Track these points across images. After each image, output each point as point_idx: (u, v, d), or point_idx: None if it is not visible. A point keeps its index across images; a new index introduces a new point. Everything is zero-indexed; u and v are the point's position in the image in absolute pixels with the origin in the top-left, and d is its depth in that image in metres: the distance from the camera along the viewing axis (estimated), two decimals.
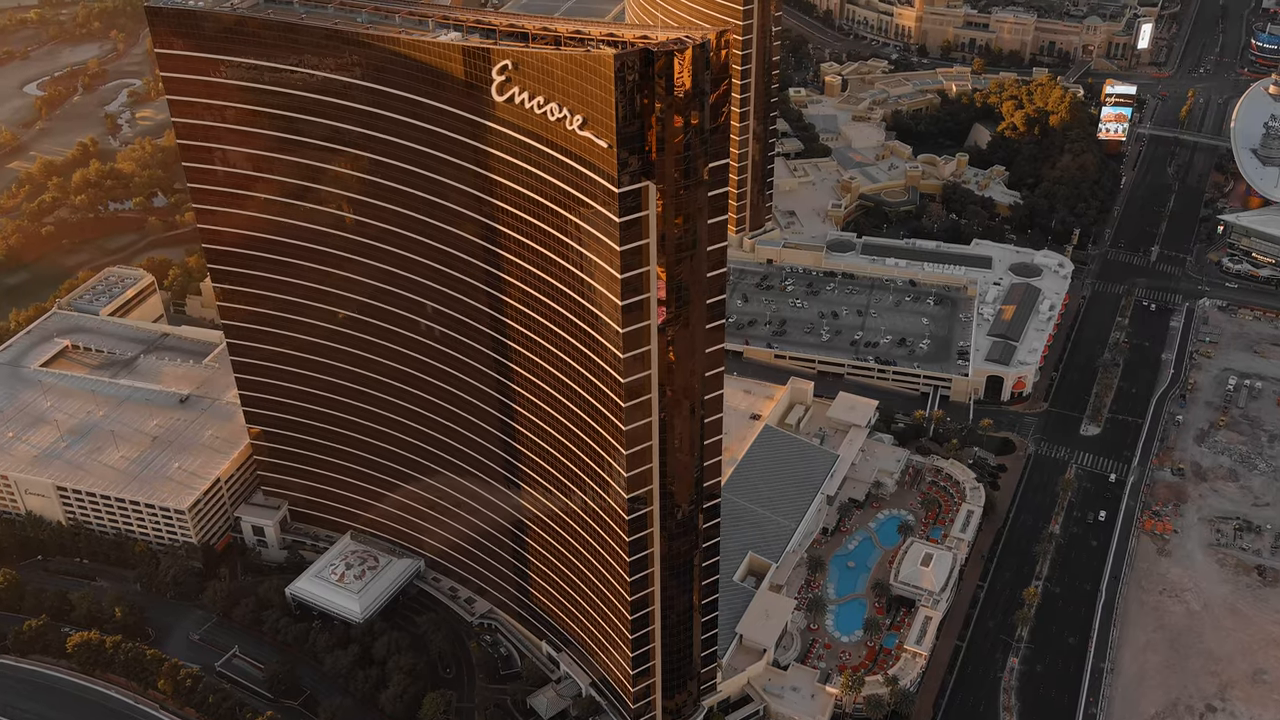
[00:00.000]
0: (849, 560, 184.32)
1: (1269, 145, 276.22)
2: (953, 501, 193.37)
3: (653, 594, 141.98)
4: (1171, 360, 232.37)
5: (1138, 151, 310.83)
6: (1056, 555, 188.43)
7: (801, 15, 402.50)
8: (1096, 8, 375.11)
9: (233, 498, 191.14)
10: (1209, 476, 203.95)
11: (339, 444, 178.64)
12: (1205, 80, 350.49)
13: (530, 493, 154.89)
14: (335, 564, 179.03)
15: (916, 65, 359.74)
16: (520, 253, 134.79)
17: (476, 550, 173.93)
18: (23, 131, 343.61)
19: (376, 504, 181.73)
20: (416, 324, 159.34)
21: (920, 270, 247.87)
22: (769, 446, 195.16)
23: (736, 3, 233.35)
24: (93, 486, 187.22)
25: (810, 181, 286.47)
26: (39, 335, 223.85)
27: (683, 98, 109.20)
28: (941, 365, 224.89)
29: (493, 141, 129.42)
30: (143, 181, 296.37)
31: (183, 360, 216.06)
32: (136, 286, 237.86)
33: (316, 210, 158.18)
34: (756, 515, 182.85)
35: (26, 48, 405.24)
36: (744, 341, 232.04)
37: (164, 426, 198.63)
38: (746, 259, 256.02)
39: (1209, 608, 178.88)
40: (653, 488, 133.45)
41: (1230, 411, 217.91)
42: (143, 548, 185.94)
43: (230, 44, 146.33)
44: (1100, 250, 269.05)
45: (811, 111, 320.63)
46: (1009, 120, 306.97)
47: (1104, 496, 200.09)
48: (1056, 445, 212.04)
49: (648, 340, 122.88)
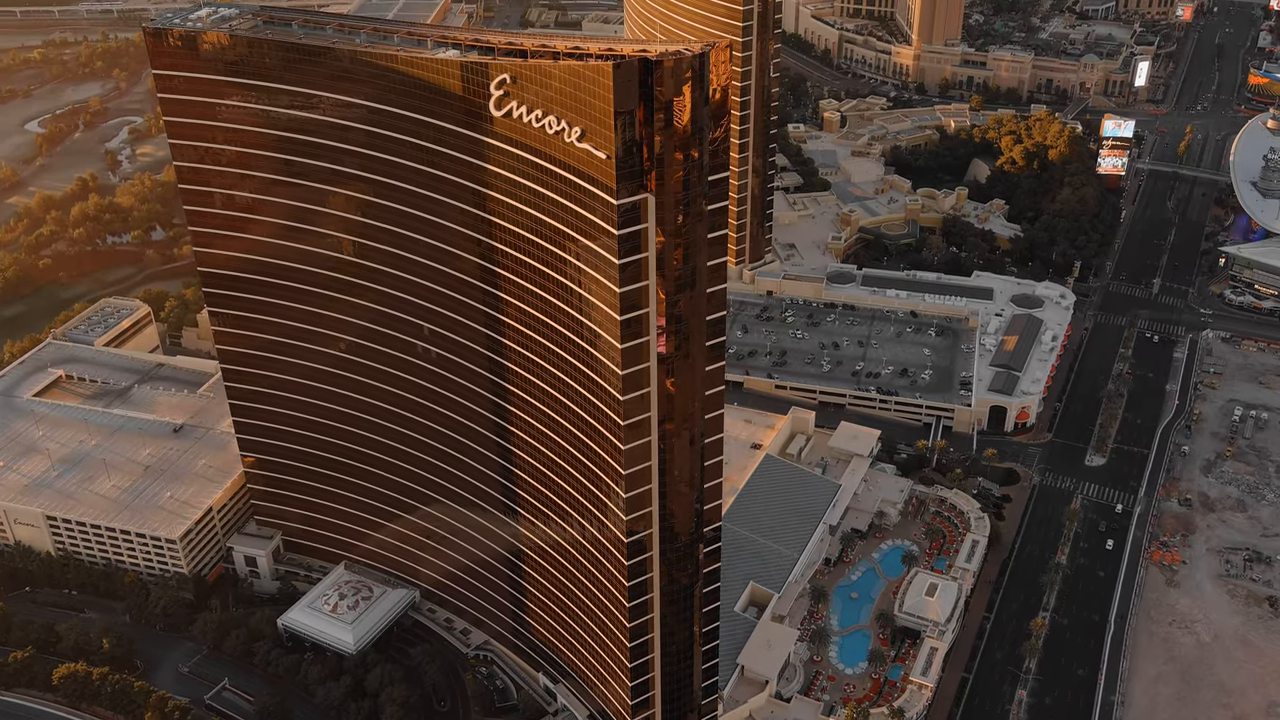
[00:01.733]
0: (852, 591, 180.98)
1: (1268, 178, 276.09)
2: (957, 532, 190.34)
3: (652, 624, 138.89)
4: (1176, 391, 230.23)
5: (1137, 186, 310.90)
6: (1064, 586, 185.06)
7: (800, 54, 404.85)
8: (1093, 46, 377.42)
9: (225, 527, 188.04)
10: (1217, 507, 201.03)
11: (334, 471, 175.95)
12: (1202, 117, 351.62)
13: (528, 523, 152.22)
14: (328, 594, 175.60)
15: (915, 103, 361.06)
16: (519, 272, 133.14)
17: (473, 581, 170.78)
18: (23, 168, 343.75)
19: (371, 534, 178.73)
20: (414, 350, 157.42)
21: (921, 301, 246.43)
22: (770, 476, 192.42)
23: (736, 34, 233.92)
24: (83, 516, 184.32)
25: (810, 215, 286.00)
26: (32, 365, 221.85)
27: (682, 130, 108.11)
28: (944, 395, 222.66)
29: (491, 158, 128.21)
30: (141, 215, 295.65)
31: (177, 390, 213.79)
32: (132, 317, 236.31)
33: (314, 233, 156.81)
34: (758, 545, 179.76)
35: (29, 86, 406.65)
36: (744, 372, 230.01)
37: (156, 456, 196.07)
38: (746, 290, 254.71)
39: (1220, 639, 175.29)
40: (652, 518, 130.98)
41: (1236, 442, 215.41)
42: (133, 578, 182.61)
43: (227, 64, 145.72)
44: (1102, 282, 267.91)
45: (810, 147, 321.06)
46: (1008, 155, 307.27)
47: (1111, 527, 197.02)
48: (1061, 476, 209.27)
49: (648, 369, 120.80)
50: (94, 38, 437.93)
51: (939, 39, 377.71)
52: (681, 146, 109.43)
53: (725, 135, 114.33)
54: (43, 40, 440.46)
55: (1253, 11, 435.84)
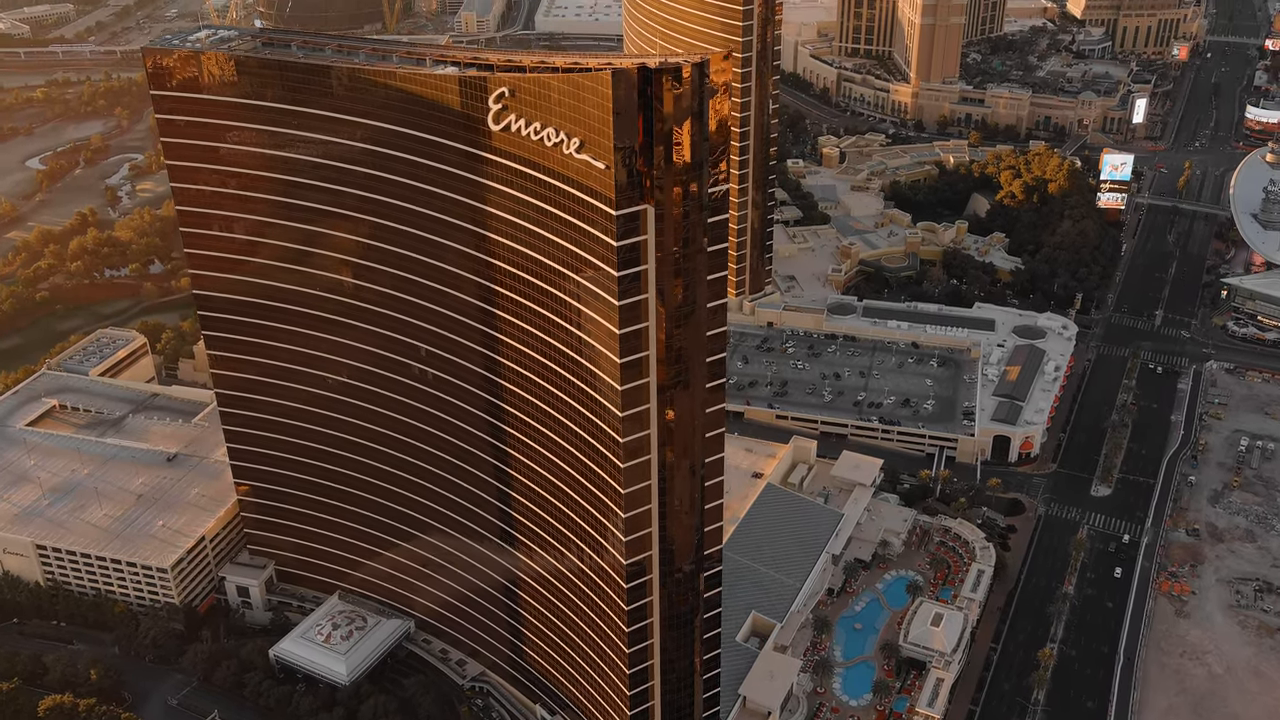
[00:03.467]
0: (856, 622, 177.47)
1: (1269, 210, 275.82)
2: (962, 562, 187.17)
3: (652, 653, 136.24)
4: (1181, 422, 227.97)
5: (1137, 220, 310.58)
6: (1072, 616, 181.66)
7: (799, 93, 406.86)
8: (1090, 84, 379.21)
9: (218, 557, 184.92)
10: (1225, 537, 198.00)
11: (329, 498, 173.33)
12: (1201, 153, 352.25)
13: (525, 552, 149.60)
14: (321, 624, 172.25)
15: (913, 140, 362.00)
16: (517, 289, 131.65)
17: (469, 610, 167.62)
18: (22, 203, 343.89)
19: (366, 563, 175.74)
20: (411, 374, 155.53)
21: (922, 332, 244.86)
22: (772, 505, 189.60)
23: (735, 70, 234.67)
24: (73, 545, 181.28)
25: (810, 248, 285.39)
26: (26, 395, 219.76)
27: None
28: (946, 425, 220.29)
29: (490, 174, 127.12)
30: (140, 249, 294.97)
31: (172, 419, 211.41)
32: (128, 348, 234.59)
33: (311, 256, 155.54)
34: (760, 574, 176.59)
35: (31, 124, 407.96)
36: (745, 402, 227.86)
37: (149, 485, 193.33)
38: (746, 322, 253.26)
39: (1232, 671, 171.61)
40: (652, 546, 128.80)
41: (1243, 473, 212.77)
42: (122, 609, 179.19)
43: (225, 84, 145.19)
44: (1103, 315, 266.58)
45: (810, 182, 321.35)
46: (1007, 189, 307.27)
47: (1118, 557, 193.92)
48: (1067, 506, 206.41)
49: (647, 385, 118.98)
50: (97, 77, 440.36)
51: (936, 77, 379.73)
52: (681, 159, 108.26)
53: (725, 141, 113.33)
54: (46, 80, 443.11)
55: (1248, 52, 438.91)
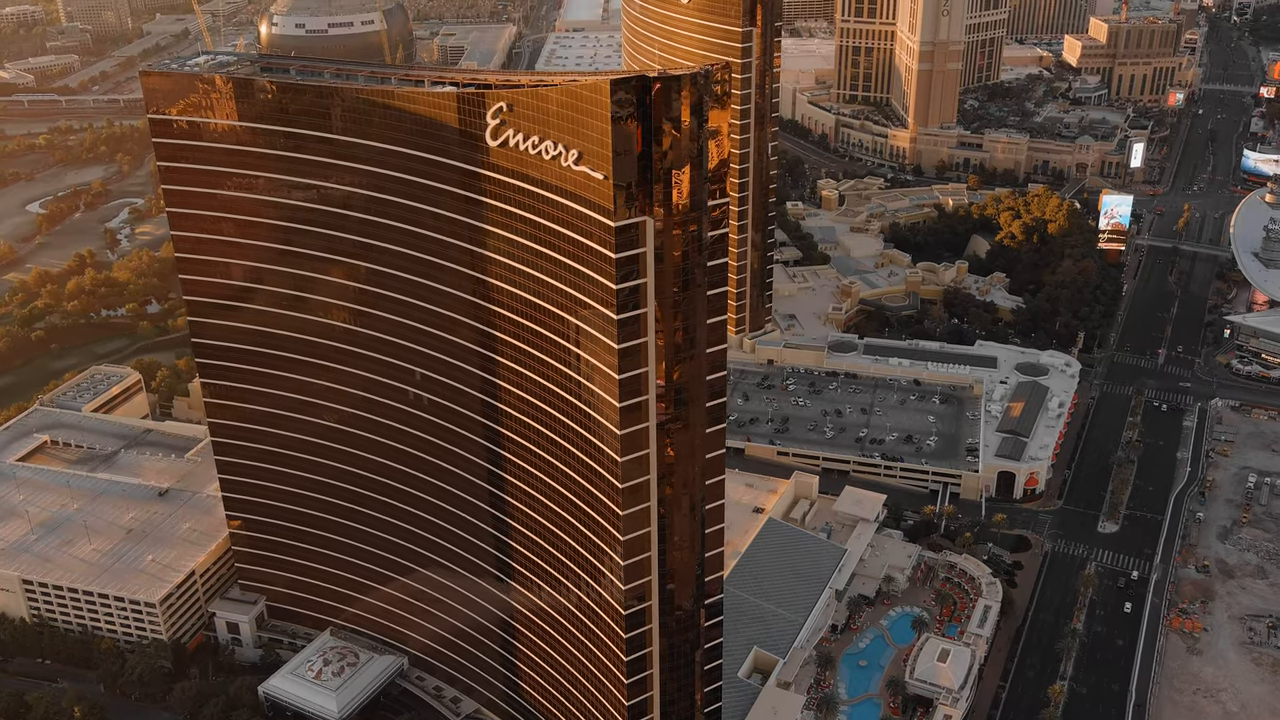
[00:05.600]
0: (860, 659, 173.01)
1: (1270, 249, 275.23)
2: (968, 597, 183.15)
3: (652, 689, 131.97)
4: (1187, 459, 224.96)
5: (1137, 261, 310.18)
6: (1081, 653, 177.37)
7: (797, 139, 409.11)
8: (1087, 129, 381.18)
9: (208, 592, 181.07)
10: (1236, 574, 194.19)
11: (322, 530, 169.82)
12: (1199, 197, 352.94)
13: (522, 588, 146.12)
14: (312, 660, 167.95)
15: (912, 184, 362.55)
16: (515, 308, 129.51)
17: (464, 646, 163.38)
18: (21, 246, 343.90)
19: (359, 597, 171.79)
20: (406, 401, 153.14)
21: (924, 369, 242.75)
22: (773, 539, 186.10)
23: (735, 112, 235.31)
24: (60, 580, 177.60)
25: (810, 287, 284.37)
26: (17, 431, 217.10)
27: (681, 148, 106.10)
28: (950, 462, 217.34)
29: (488, 191, 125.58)
30: (138, 289, 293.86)
31: (164, 454, 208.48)
32: (122, 384, 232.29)
33: (309, 279, 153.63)
34: (761, 609, 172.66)
35: (33, 170, 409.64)
36: (745, 438, 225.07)
37: (140, 519, 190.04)
38: (747, 359, 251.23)
39: (1247, 709, 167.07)
40: (652, 583, 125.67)
41: (1253, 509, 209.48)
42: (109, 645, 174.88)
43: (223, 106, 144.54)
44: (1106, 353, 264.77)
45: (809, 224, 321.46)
46: (1007, 230, 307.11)
47: (1127, 594, 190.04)
48: (1074, 542, 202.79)
49: (646, 403, 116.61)
50: (99, 124, 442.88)
51: (934, 123, 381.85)
52: (679, 164, 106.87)
53: (724, 168, 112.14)
54: (49, 127, 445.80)
55: (1243, 99, 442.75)
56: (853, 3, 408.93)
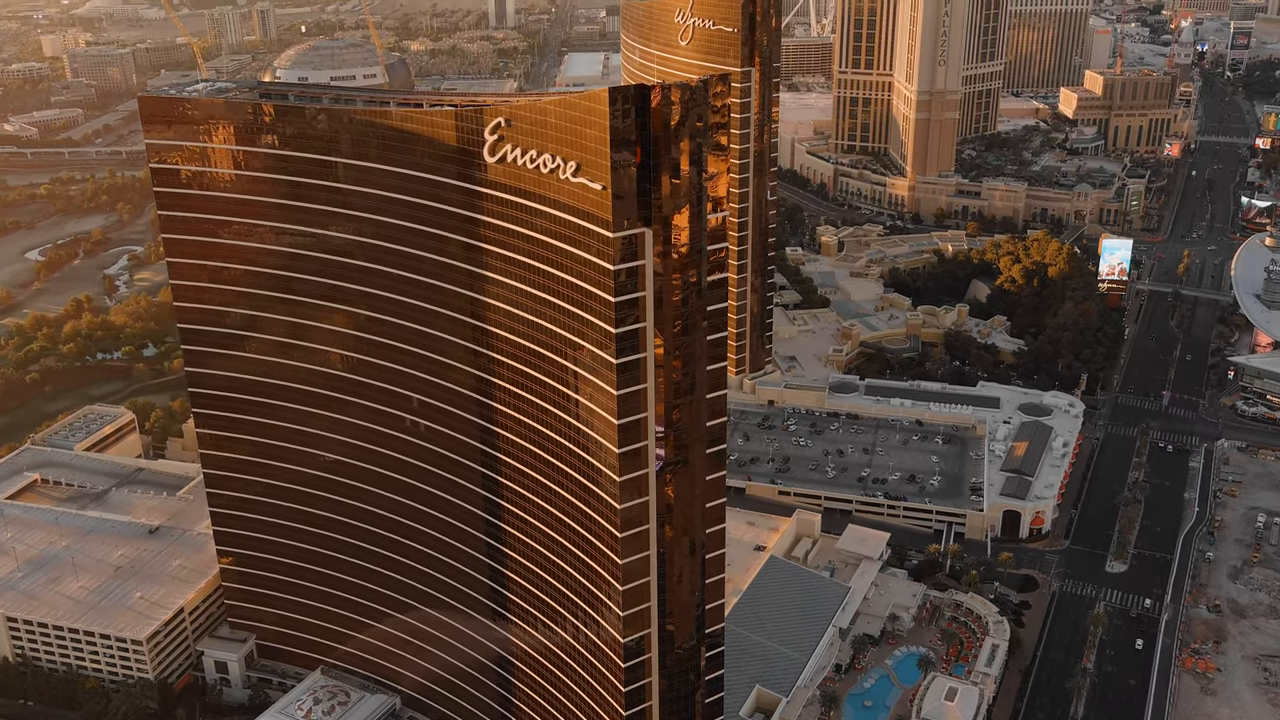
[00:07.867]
0: (865, 699, 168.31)
1: (1272, 290, 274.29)
2: (975, 637, 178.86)
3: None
4: (1195, 499, 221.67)
5: (1138, 305, 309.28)
6: (1092, 694, 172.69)
7: (796, 189, 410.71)
8: (1085, 177, 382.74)
9: (196, 630, 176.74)
10: (1248, 613, 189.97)
11: (315, 566, 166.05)
12: (1198, 244, 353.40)
13: (518, 629, 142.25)
14: (302, 700, 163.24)
15: (910, 231, 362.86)
16: (513, 329, 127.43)
17: (459, 684, 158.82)
18: (19, 291, 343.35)
19: (352, 635, 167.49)
20: (403, 435, 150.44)
21: (926, 410, 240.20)
22: (775, 577, 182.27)
23: (734, 151, 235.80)
24: (44, 617, 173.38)
25: (810, 330, 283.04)
26: (7, 469, 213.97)
27: (681, 156, 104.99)
28: (954, 501, 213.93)
29: (486, 209, 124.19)
30: (134, 332, 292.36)
31: (156, 493, 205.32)
32: (115, 424, 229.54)
33: (306, 317, 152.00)
34: (764, 648, 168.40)
35: (33, 219, 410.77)
36: (746, 478, 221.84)
37: (129, 557, 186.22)
38: (747, 400, 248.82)
39: None
40: (651, 636, 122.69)
41: (1263, 549, 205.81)
42: (94, 685, 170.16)
43: (219, 128, 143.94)
44: (1109, 395, 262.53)
45: (809, 269, 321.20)
46: (1007, 274, 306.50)
47: (1138, 633, 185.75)
48: (1082, 582, 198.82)
49: (644, 421, 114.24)
50: (101, 175, 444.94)
51: (932, 171, 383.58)
52: (677, 170, 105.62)
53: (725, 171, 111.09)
54: (50, 178, 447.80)
55: (1238, 151, 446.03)
56: (850, 54, 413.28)
